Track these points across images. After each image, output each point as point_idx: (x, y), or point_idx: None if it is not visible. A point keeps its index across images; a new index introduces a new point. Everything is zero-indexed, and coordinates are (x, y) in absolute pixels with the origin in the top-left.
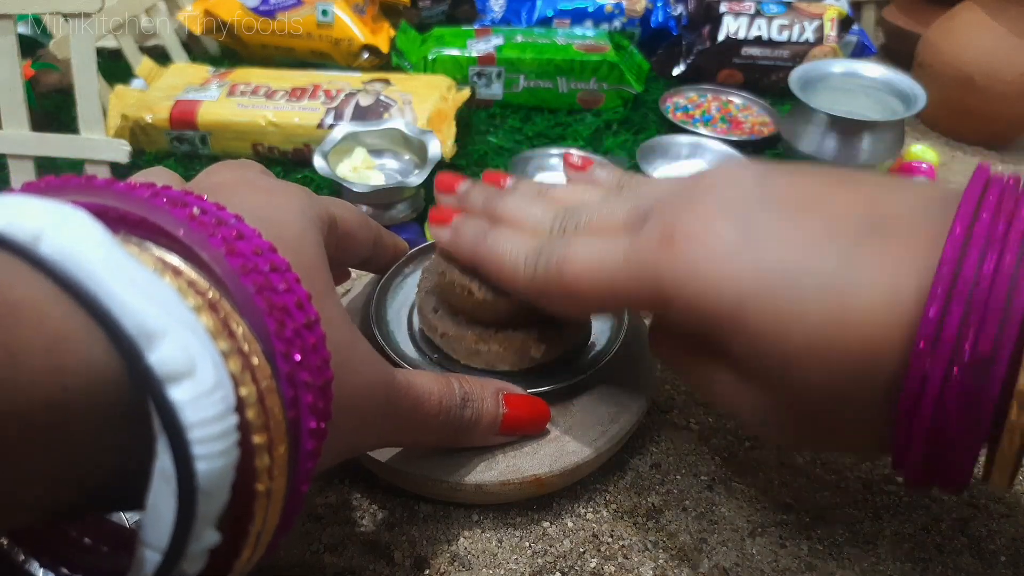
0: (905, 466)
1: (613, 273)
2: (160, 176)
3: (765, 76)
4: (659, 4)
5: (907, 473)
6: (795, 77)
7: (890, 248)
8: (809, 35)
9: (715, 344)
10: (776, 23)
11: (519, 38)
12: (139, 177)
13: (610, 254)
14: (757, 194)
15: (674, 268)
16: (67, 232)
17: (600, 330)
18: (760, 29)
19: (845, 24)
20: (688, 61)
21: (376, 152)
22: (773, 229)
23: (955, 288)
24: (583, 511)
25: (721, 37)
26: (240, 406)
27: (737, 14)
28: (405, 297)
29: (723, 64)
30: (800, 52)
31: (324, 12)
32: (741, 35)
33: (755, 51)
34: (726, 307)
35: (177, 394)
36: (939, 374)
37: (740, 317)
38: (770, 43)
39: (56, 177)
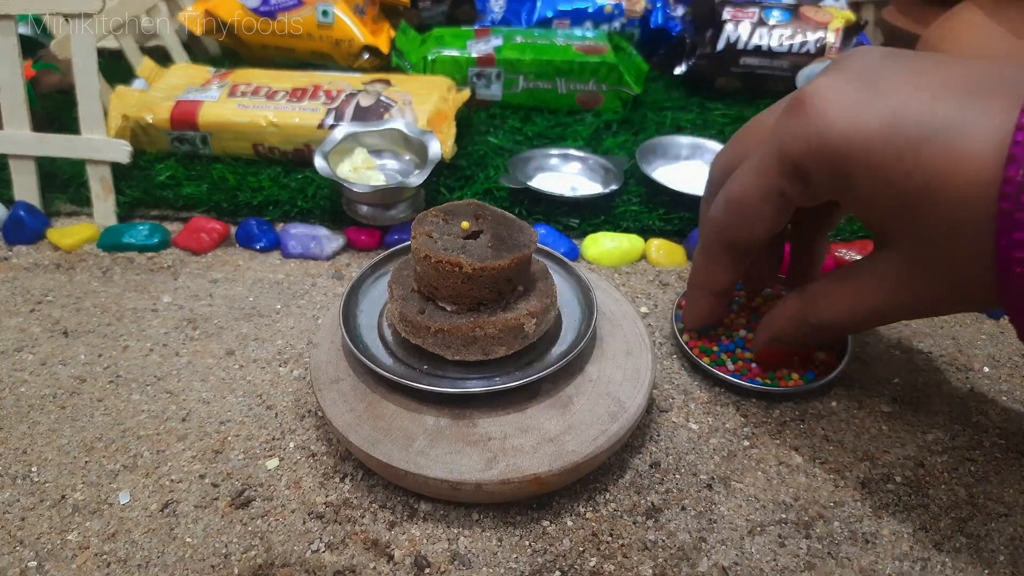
0: (1013, 297)
1: (764, 167)
2: None
3: (763, 84)
4: (659, 5)
5: (1013, 305)
6: (802, 77)
7: (997, 101)
8: (811, 46)
9: (847, 194)
10: (777, 32)
11: (518, 39)
12: None
13: (755, 156)
14: (883, 62)
15: (807, 128)
16: None
17: (570, 324)
18: (761, 38)
19: (852, 31)
20: (690, 63)
21: (376, 152)
22: (896, 86)
23: None
24: (583, 510)
25: (721, 45)
26: None
27: (739, 22)
28: (370, 321)
29: (722, 71)
30: (800, 63)
31: (324, 13)
32: (741, 44)
33: (754, 61)
34: (857, 152)
35: None
36: None
37: (869, 162)
38: (769, 53)
39: None
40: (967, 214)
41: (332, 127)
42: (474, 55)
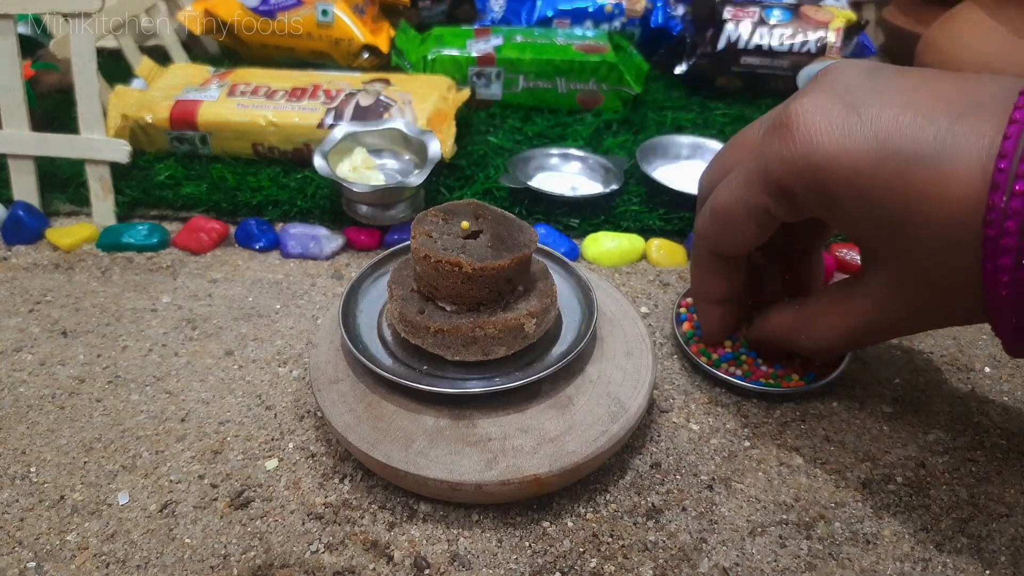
0: (999, 317)
1: (749, 185)
2: None
3: (763, 84)
4: (659, 4)
5: (1000, 326)
6: (803, 77)
7: (982, 123)
8: (812, 46)
9: (834, 214)
10: (778, 32)
11: (519, 38)
12: None
13: (741, 171)
14: (867, 80)
15: (792, 149)
16: None
17: (570, 324)
18: (762, 38)
19: (853, 31)
20: (690, 62)
21: (376, 152)
22: (882, 106)
23: (1021, 144)
24: (583, 511)
25: (721, 45)
26: None
27: (739, 21)
28: (370, 321)
29: (722, 71)
30: (801, 63)
31: (324, 12)
32: (741, 44)
33: (754, 60)
34: (844, 175)
35: None
36: (1015, 205)
37: (856, 184)
38: (770, 53)
39: None
40: (954, 237)
41: (331, 127)
42: (474, 54)
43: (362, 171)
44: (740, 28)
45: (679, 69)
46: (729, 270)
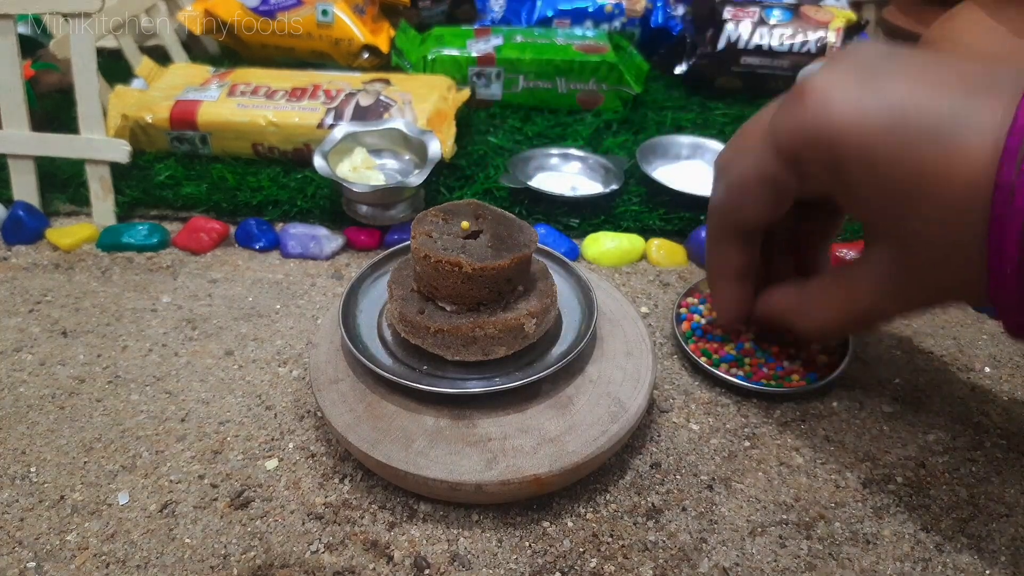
0: (1002, 296)
1: (761, 153)
2: None
3: (763, 84)
4: (659, 4)
5: (1003, 305)
6: (803, 77)
7: (993, 100)
8: (812, 46)
9: (840, 186)
10: (778, 32)
11: (519, 38)
12: None
13: (756, 144)
14: (882, 57)
15: (805, 117)
16: None
17: (570, 324)
18: (762, 38)
19: (853, 31)
20: (691, 62)
21: (376, 152)
22: (896, 80)
23: None
24: (583, 511)
25: (721, 45)
26: None
27: (739, 21)
28: (370, 321)
29: (722, 71)
30: (801, 63)
31: (324, 12)
32: (741, 44)
33: (754, 60)
34: (854, 143)
35: None
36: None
37: (866, 154)
38: (770, 53)
39: None
40: (961, 212)
41: (331, 127)
42: (474, 54)
43: (362, 171)
44: (740, 28)
45: (679, 69)
46: (743, 245)
